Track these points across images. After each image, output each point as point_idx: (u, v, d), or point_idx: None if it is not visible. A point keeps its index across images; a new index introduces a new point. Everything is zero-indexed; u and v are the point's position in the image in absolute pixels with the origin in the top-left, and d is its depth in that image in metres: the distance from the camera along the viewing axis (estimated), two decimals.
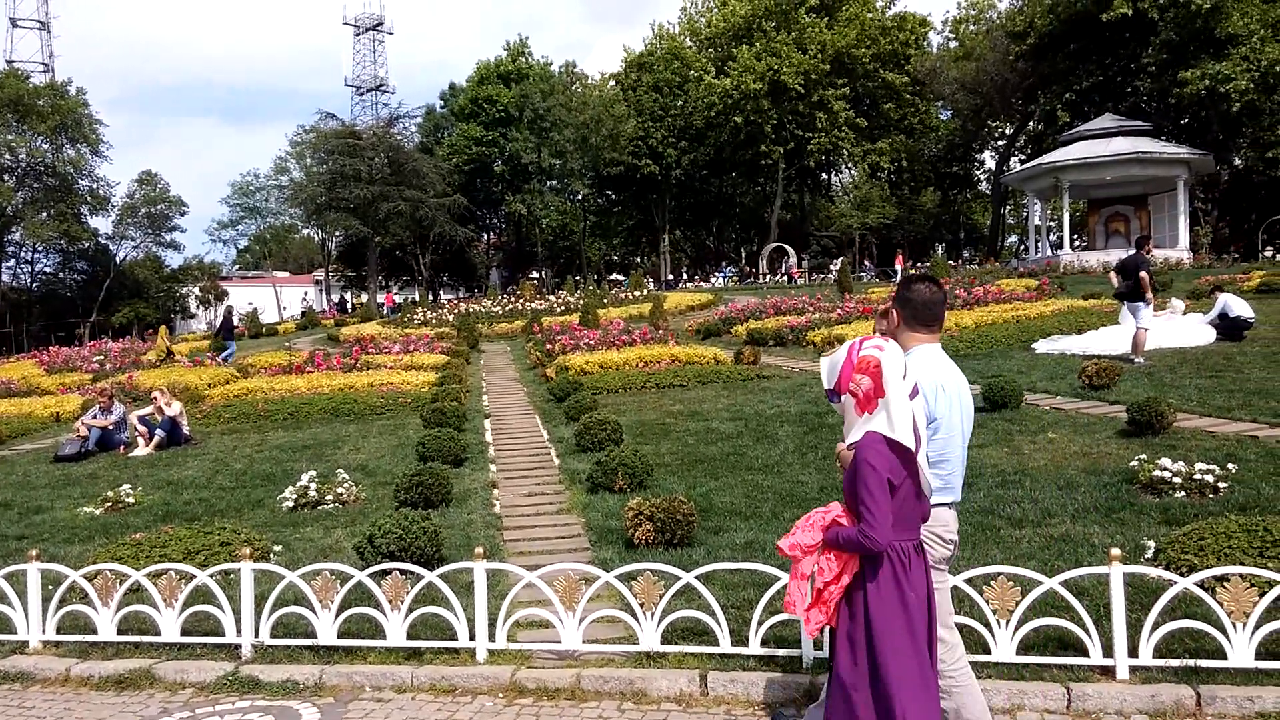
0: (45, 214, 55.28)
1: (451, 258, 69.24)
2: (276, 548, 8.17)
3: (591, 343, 21.59)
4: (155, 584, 6.35)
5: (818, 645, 5.22)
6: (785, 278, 51.80)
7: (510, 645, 5.81)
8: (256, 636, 6.15)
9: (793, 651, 5.35)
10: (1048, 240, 42.77)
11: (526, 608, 6.02)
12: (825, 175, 69.12)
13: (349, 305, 63.27)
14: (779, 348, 21.28)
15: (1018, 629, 5.03)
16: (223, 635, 6.20)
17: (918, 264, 52.76)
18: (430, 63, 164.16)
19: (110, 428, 14.71)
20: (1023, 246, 51.90)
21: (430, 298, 59.46)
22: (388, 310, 51.09)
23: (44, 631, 6.59)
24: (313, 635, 6.07)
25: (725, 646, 5.44)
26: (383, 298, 59.54)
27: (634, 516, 7.48)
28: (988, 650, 5.04)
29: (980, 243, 67.30)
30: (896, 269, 50.17)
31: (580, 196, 64.55)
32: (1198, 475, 7.54)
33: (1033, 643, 5.11)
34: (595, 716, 5.12)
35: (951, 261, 47.10)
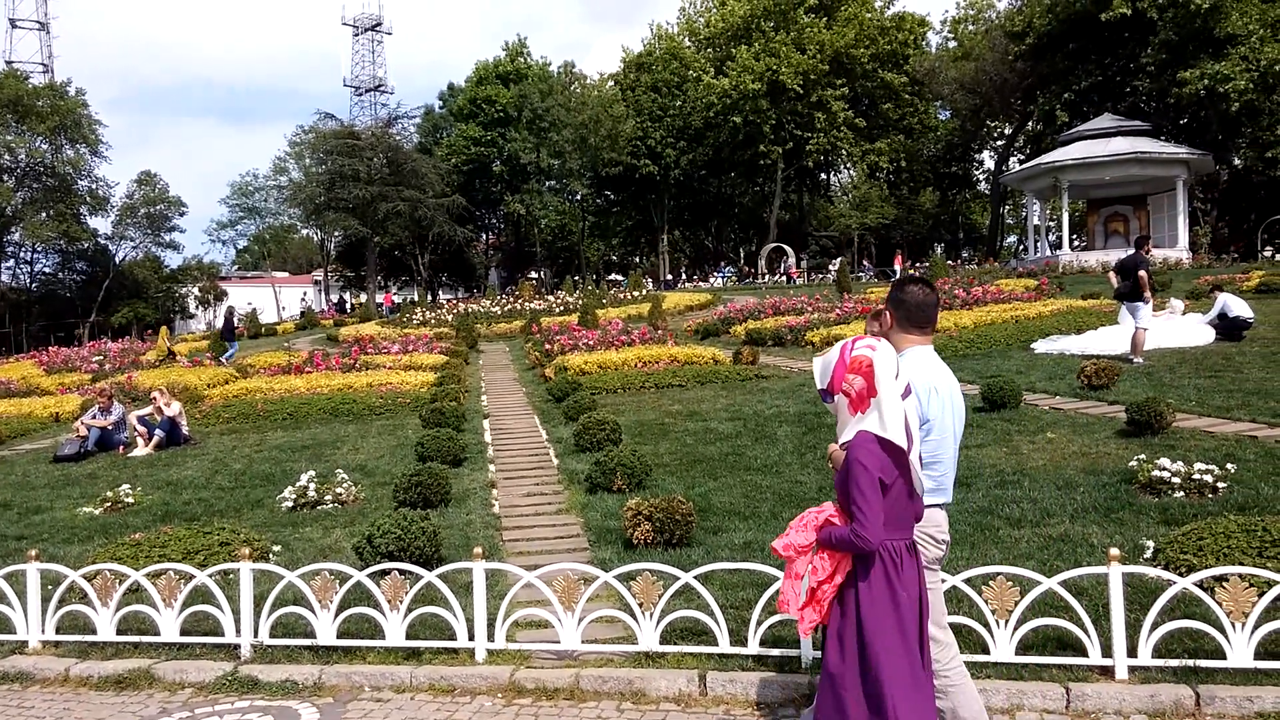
0: (44, 214, 55.25)
1: (450, 258, 69.24)
2: (276, 548, 8.17)
3: (590, 343, 21.60)
4: (154, 584, 6.35)
5: (816, 645, 5.21)
6: (784, 278, 51.77)
7: (509, 645, 5.82)
8: (256, 636, 6.15)
9: (791, 651, 5.35)
10: (1047, 240, 42.78)
11: (525, 608, 6.02)
12: (824, 175, 69.09)
13: (348, 305, 63.25)
14: (778, 348, 21.28)
15: (1017, 629, 5.04)
16: (222, 635, 6.20)
17: (917, 264, 52.79)
18: (429, 63, 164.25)
19: (109, 428, 14.71)
20: (1022, 246, 51.94)
21: (429, 298, 59.48)
22: (386, 310, 51.07)
23: (43, 631, 6.59)
24: (312, 635, 6.07)
25: (724, 646, 5.44)
26: (382, 298, 59.52)
27: (633, 517, 7.48)
28: (987, 650, 5.04)
29: (979, 243, 67.33)
30: (895, 269, 50.19)
31: (579, 196, 64.55)
32: (1197, 475, 7.55)
33: (1032, 643, 5.11)
34: (594, 716, 5.12)
35: (950, 261, 47.09)
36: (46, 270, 63.28)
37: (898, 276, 38.48)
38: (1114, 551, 5.01)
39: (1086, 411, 11.38)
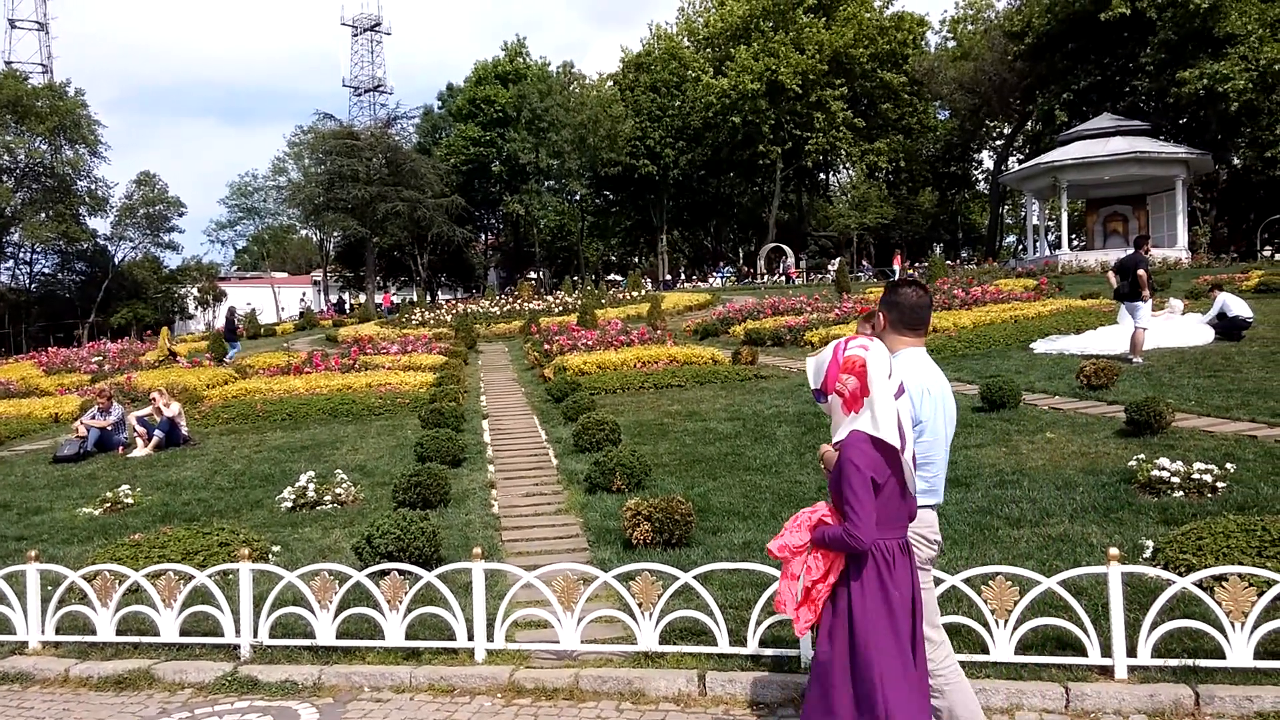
0: (44, 215, 55.28)
1: (449, 258, 69.26)
2: (275, 548, 8.16)
3: (589, 343, 21.59)
4: (154, 584, 6.35)
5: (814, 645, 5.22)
6: (783, 278, 51.76)
7: (509, 645, 5.82)
8: (255, 637, 6.15)
9: (791, 651, 5.35)
10: (1046, 240, 42.76)
11: (525, 608, 6.02)
12: (823, 175, 69.09)
13: (347, 306, 63.24)
14: (777, 348, 21.28)
15: (1016, 629, 5.04)
16: (221, 636, 6.20)
17: (916, 264, 52.75)
18: (428, 63, 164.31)
19: (109, 428, 14.70)
20: (1021, 246, 51.94)
21: (428, 298, 59.42)
22: (385, 311, 51.05)
23: (43, 632, 6.59)
24: (311, 635, 6.07)
25: (723, 646, 5.44)
26: (381, 298, 59.50)
27: (632, 517, 7.48)
28: (986, 650, 5.04)
29: (978, 243, 67.34)
30: (894, 269, 50.15)
31: (578, 197, 64.57)
32: (1196, 475, 7.55)
33: (1031, 642, 5.11)
34: (594, 717, 5.12)
35: (950, 261, 47.09)
36: (46, 271, 63.36)
37: (896, 277, 38.52)
38: (1113, 551, 5.01)
39: (1086, 411, 11.38)
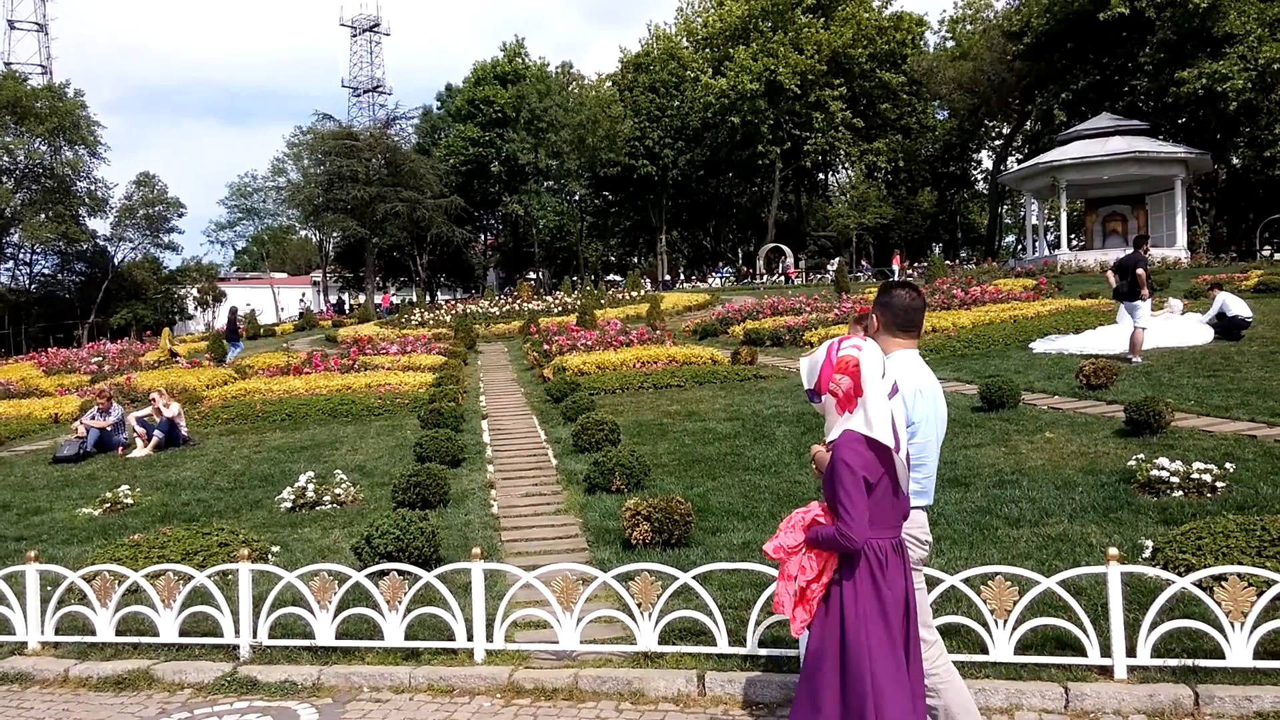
0: (43, 216, 55.25)
1: (449, 258, 69.26)
2: (274, 549, 8.16)
3: (589, 343, 21.59)
4: (153, 585, 6.35)
5: None
6: (782, 278, 51.78)
7: (508, 646, 5.81)
8: (255, 637, 6.15)
9: (790, 652, 5.34)
10: (1045, 240, 42.77)
11: (524, 608, 6.01)
12: (822, 175, 69.14)
13: (346, 306, 63.22)
14: (776, 348, 21.28)
15: (1015, 629, 5.04)
16: (221, 636, 6.20)
17: (915, 264, 52.79)
18: (427, 64, 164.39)
19: (108, 429, 14.69)
20: (1020, 246, 51.97)
21: (427, 299, 59.40)
22: (385, 311, 51.04)
23: (42, 632, 6.58)
24: (311, 636, 6.07)
25: (723, 647, 5.43)
26: (380, 298, 59.49)
27: (631, 517, 7.48)
28: (985, 650, 5.04)
29: (977, 242, 67.36)
30: (894, 269, 50.19)
31: (577, 197, 64.57)
32: (1195, 475, 7.55)
33: (1031, 642, 5.11)
34: (593, 717, 5.12)
35: (949, 261, 47.12)
36: (45, 271, 63.35)
37: (895, 277, 38.49)
38: (1113, 551, 5.01)
39: (1085, 411, 11.39)
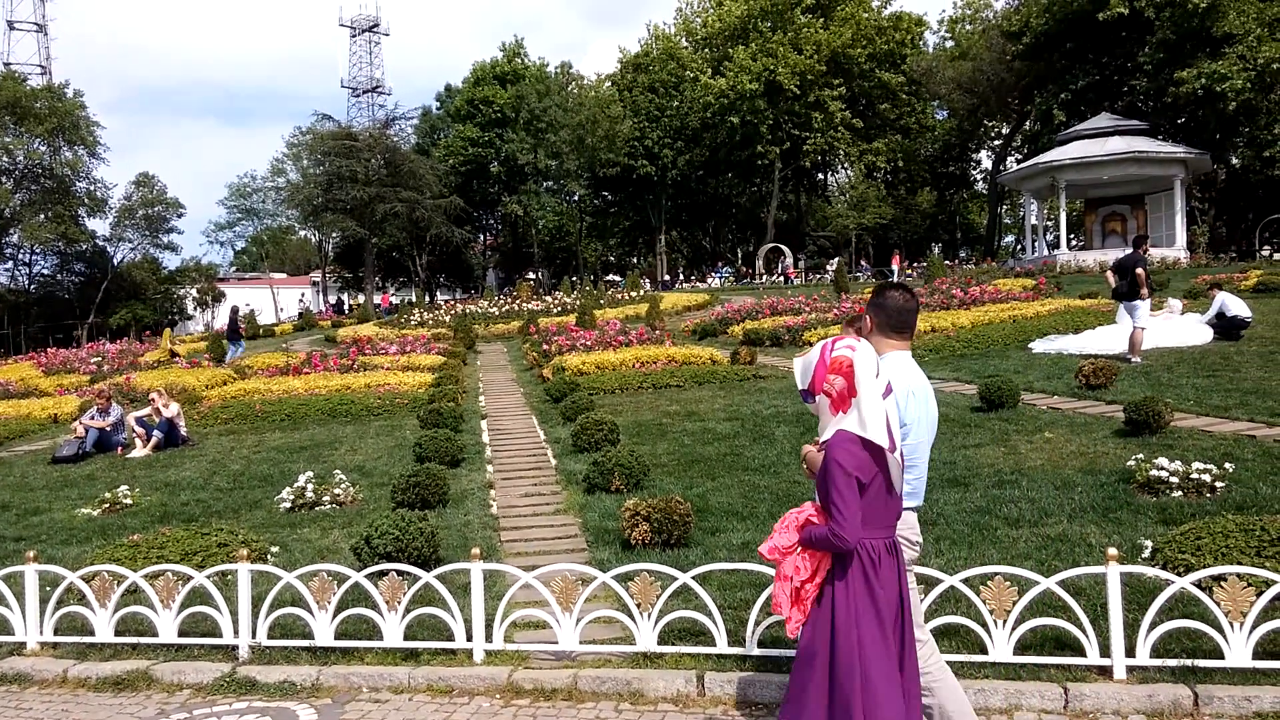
0: (43, 216, 55.25)
1: (448, 259, 69.25)
2: (274, 549, 8.15)
3: (588, 343, 21.59)
4: (153, 585, 6.35)
5: None
6: (782, 278, 51.77)
7: (507, 646, 5.81)
8: (254, 638, 6.15)
9: (789, 652, 5.32)
10: (1044, 240, 42.77)
11: (523, 608, 6.01)
12: (821, 175, 69.12)
13: (346, 306, 63.22)
14: (775, 348, 21.28)
15: (1015, 629, 5.04)
16: (220, 636, 6.20)
17: (914, 264, 52.79)
18: (426, 64, 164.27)
19: (108, 429, 14.69)
20: (1019, 246, 51.98)
21: (427, 299, 59.41)
22: (384, 311, 51.03)
23: (41, 633, 6.58)
24: (310, 636, 6.07)
25: (722, 647, 5.43)
26: (379, 299, 59.48)
27: (631, 517, 7.47)
28: (985, 650, 5.04)
29: (977, 242, 67.36)
30: (893, 269, 50.21)
31: (576, 197, 64.54)
32: (1195, 475, 7.55)
33: (1030, 643, 5.11)
34: (592, 717, 5.12)
35: (948, 261, 47.12)
36: (45, 272, 63.37)
37: (894, 278, 38.45)
38: (1112, 551, 5.01)
39: (1084, 411, 11.39)
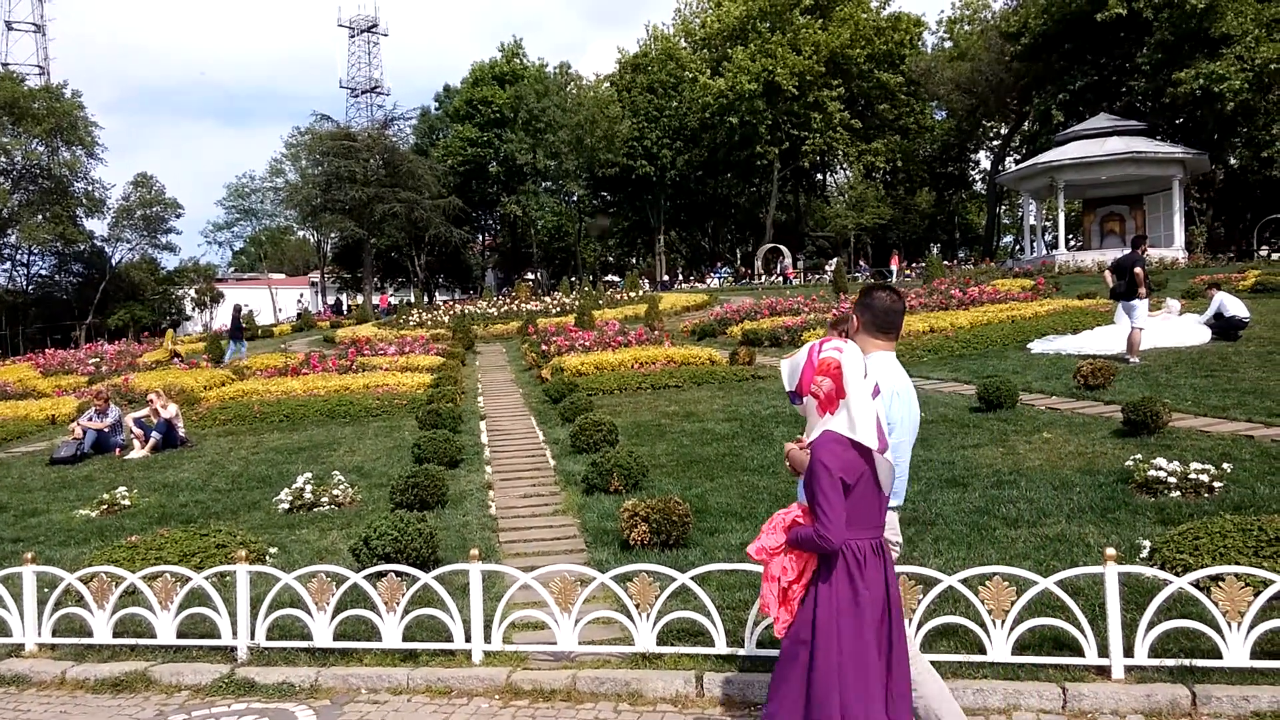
0: (41, 216, 55.21)
1: (447, 259, 69.26)
2: (272, 550, 8.15)
3: (587, 344, 21.59)
4: (151, 586, 6.34)
5: None
6: (780, 278, 51.77)
7: (506, 647, 5.81)
8: (252, 639, 6.14)
9: None
10: (1043, 240, 42.77)
11: (522, 609, 6.01)
12: (820, 176, 69.18)
13: (344, 307, 63.20)
14: (774, 348, 21.27)
15: (1013, 629, 5.04)
16: (218, 637, 6.19)
17: (913, 264, 52.82)
18: (425, 64, 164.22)
19: (106, 430, 14.68)
20: (1018, 246, 52.02)
21: (425, 299, 59.39)
22: (383, 312, 51.01)
23: (39, 634, 6.57)
24: (309, 637, 6.07)
25: (721, 647, 5.43)
26: (378, 299, 59.45)
27: (629, 518, 7.47)
28: (983, 650, 5.05)
29: (975, 243, 67.39)
30: (892, 269, 50.27)
31: (575, 197, 64.52)
32: (1193, 475, 7.56)
33: (1028, 643, 5.12)
34: (591, 718, 5.12)
35: (947, 261, 47.17)
36: (43, 272, 63.36)
37: (894, 278, 38.40)
38: (1110, 551, 5.01)
39: (1083, 411, 11.39)
